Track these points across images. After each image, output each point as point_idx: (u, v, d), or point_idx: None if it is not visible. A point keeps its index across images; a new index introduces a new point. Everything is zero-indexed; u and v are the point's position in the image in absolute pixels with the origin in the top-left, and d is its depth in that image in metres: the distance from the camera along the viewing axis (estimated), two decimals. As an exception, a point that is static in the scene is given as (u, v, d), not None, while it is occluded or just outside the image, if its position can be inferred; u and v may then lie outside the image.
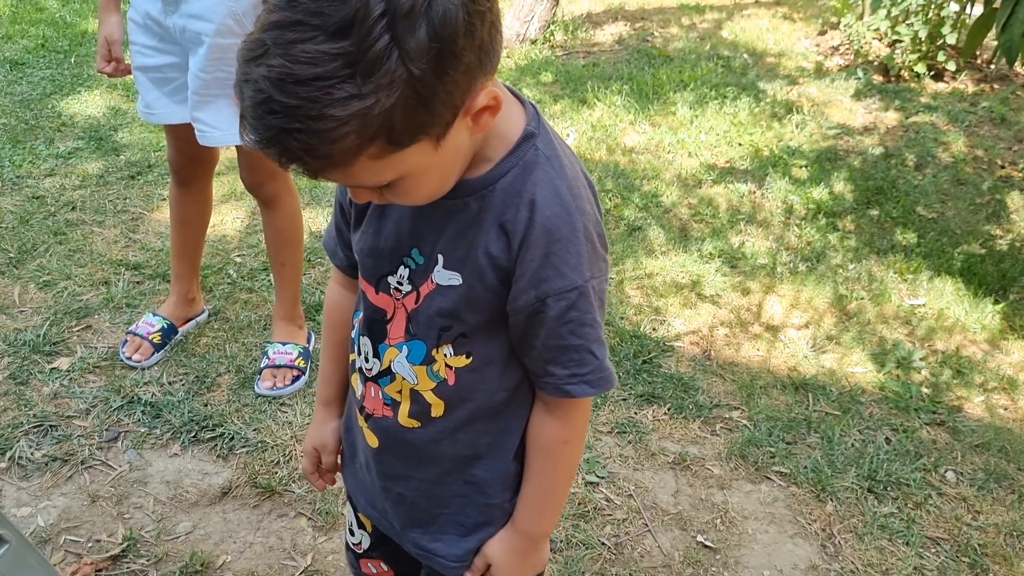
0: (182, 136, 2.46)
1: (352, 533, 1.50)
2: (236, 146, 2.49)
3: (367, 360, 1.25)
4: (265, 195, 2.57)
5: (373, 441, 1.28)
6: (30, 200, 3.49)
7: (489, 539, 1.27)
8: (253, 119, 0.90)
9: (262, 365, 2.65)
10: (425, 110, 0.91)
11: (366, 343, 1.24)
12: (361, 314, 1.26)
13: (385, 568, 1.50)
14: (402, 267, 1.16)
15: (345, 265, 1.33)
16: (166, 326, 2.73)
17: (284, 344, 2.67)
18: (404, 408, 1.22)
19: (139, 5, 2.28)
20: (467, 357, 1.17)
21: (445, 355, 1.17)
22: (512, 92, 1.11)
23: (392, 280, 1.17)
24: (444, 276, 1.12)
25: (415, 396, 1.21)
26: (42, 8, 5.91)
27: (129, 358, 2.67)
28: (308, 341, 2.78)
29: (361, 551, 1.49)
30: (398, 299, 1.17)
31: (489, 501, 1.27)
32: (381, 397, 1.24)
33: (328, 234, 1.35)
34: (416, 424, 1.22)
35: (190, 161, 2.58)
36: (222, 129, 2.32)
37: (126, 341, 2.71)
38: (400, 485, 1.30)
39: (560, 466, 1.24)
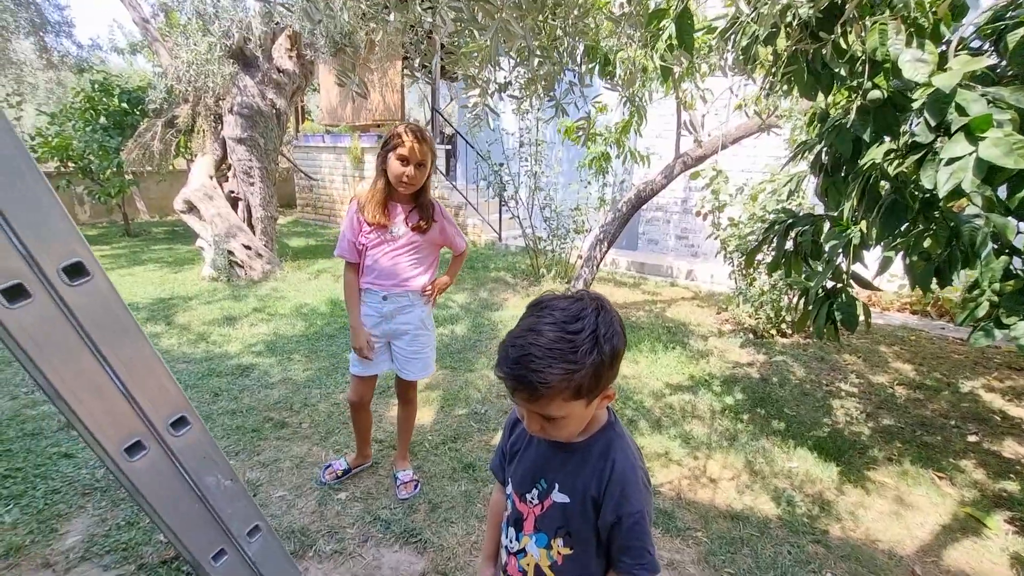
0: (367, 383, 2.49)
1: None
2: (397, 378, 2.50)
3: (511, 541, 1.15)
4: (406, 400, 2.62)
5: None
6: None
7: None
8: (511, 363, 0.87)
9: (398, 483, 2.62)
10: (596, 384, 0.91)
11: (511, 531, 1.15)
12: (508, 512, 1.16)
13: None
14: (535, 488, 1.09)
15: (503, 481, 1.23)
16: (346, 468, 2.70)
17: (404, 471, 2.65)
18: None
19: (369, 325, 2.37)
20: (570, 549, 1.07)
21: (558, 545, 1.07)
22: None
23: (528, 496, 1.10)
24: (559, 497, 1.06)
25: (538, 570, 1.10)
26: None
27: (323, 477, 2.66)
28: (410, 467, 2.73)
29: None
30: (532, 506, 1.09)
31: None
32: (516, 566, 1.13)
33: (494, 463, 1.25)
34: None
35: (360, 397, 2.53)
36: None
37: (328, 466, 2.69)
38: None
39: None
